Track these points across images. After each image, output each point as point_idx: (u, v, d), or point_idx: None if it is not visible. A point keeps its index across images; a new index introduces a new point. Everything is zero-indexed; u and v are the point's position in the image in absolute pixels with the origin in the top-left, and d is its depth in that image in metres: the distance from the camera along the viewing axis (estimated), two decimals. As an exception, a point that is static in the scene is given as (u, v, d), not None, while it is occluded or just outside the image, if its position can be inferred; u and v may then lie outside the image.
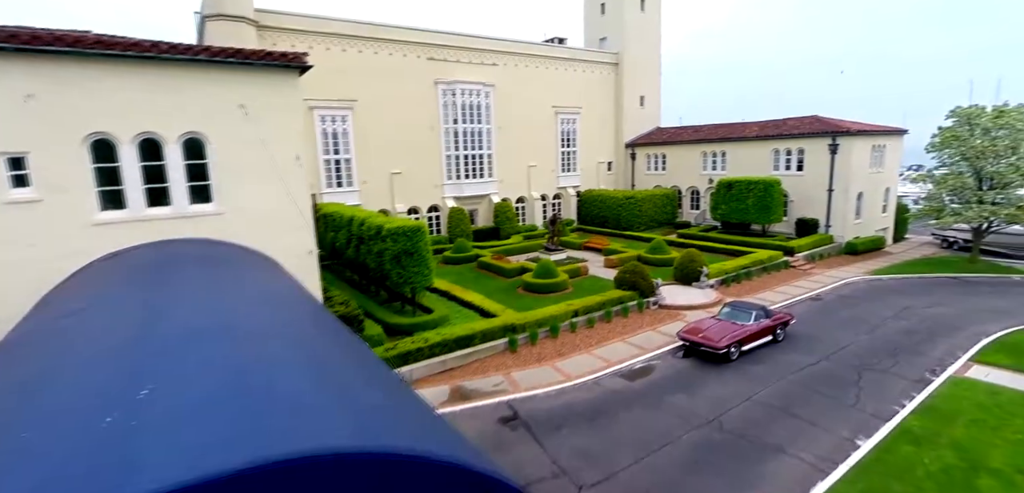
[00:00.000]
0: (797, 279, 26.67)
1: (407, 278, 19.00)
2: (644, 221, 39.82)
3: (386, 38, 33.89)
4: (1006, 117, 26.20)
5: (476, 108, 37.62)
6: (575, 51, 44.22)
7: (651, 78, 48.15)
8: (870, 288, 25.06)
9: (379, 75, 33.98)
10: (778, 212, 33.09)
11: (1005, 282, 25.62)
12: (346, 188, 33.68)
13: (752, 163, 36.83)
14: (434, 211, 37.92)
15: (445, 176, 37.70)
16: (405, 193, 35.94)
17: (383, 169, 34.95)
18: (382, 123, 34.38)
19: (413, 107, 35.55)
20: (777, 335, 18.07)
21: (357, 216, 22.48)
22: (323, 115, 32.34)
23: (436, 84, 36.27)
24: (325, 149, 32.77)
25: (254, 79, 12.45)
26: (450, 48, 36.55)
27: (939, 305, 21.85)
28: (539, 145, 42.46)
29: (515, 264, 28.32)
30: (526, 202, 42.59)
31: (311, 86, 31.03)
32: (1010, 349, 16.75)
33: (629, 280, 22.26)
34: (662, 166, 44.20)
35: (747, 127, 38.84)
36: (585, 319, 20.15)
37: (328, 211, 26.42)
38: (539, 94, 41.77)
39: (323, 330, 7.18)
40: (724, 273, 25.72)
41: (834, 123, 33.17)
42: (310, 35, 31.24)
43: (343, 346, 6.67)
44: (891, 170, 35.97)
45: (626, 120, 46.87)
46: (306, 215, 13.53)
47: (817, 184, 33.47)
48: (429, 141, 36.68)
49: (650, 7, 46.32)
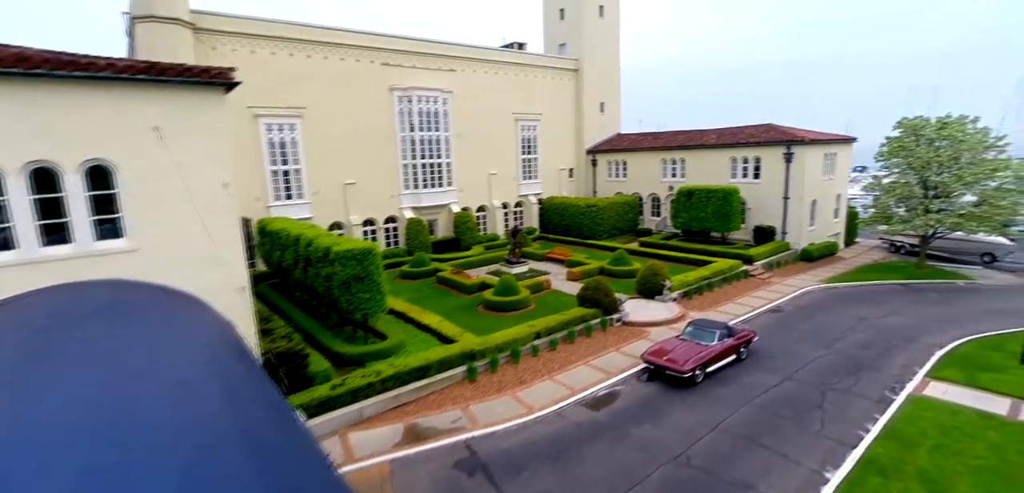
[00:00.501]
0: (757, 289, 26.79)
1: (357, 304, 17.75)
2: (606, 229, 39.58)
3: (337, 43, 32.27)
4: (949, 128, 27.15)
5: (434, 115, 36.42)
6: (535, 57, 43.63)
7: (611, 84, 48.11)
8: (827, 297, 25.38)
9: (330, 81, 32.33)
10: (736, 220, 33.38)
11: (950, 288, 26.48)
12: (296, 200, 31.87)
13: (711, 171, 37.12)
14: (391, 222, 36.47)
15: (402, 186, 36.31)
16: (360, 204, 34.37)
17: (336, 179, 33.28)
18: (334, 131, 32.72)
19: (367, 115, 34.04)
20: (741, 354, 17.80)
21: (305, 235, 21.00)
22: (269, 124, 30.45)
23: (391, 91, 34.87)
24: (272, 159, 30.87)
25: (171, 97, 11.02)
26: (406, 53, 35.21)
27: (893, 314, 22.23)
28: (500, 152, 41.61)
29: (475, 279, 27.35)
30: (487, 211, 41.66)
31: (256, 93, 29.28)
32: (962, 362, 17.00)
33: (592, 297, 21.66)
34: (623, 173, 44.15)
35: (705, 134, 39.17)
36: (547, 341, 19.40)
37: (275, 228, 24.75)
38: (499, 100, 40.93)
39: (241, 415, 6.04)
40: (686, 285, 25.53)
41: (788, 132, 33.74)
42: (254, 38, 29.33)
43: (259, 434, 5.57)
44: (842, 177, 36.97)
45: (587, 126, 46.63)
46: (235, 249, 12.16)
47: (773, 192, 33.95)
48: (385, 150, 35.23)
49: (609, 14, 46.24)
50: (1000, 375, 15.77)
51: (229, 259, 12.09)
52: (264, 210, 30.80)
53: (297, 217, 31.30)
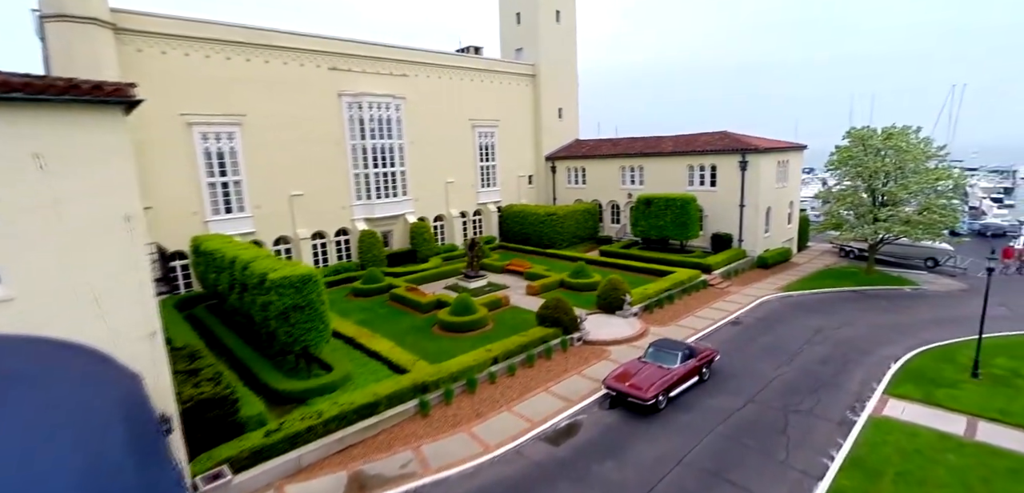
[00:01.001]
0: (716, 299, 26.70)
1: (297, 336, 16.26)
2: (566, 238, 39.02)
3: (279, 46, 30.29)
4: (894, 139, 27.89)
5: (386, 122, 34.86)
6: (491, 62, 42.64)
7: (568, 89, 47.69)
8: (783, 307, 25.51)
9: (273, 87, 30.32)
10: (694, 229, 33.43)
11: (898, 295, 27.16)
12: (237, 214, 29.73)
13: (669, 178, 37.13)
14: (343, 235, 34.66)
15: (354, 196, 34.57)
16: (308, 217, 32.45)
17: (281, 191, 31.27)
18: (278, 140, 30.72)
19: (315, 122, 32.17)
20: (703, 374, 17.36)
21: (240, 258, 19.26)
22: (205, 133, 28.21)
23: (340, 96, 33.10)
24: (209, 171, 28.63)
25: (57, 119, 9.36)
26: (355, 57, 33.51)
27: (847, 325, 22.45)
28: (457, 160, 40.40)
29: (430, 296, 26.09)
30: (445, 220, 40.36)
31: (189, 99, 27.17)
32: (917, 376, 17.10)
33: (552, 316, 20.85)
34: (582, 180, 43.75)
35: (663, 142, 39.20)
36: (505, 366, 18.43)
37: (209, 248, 22.78)
38: (455, 106, 39.73)
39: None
40: (647, 298, 25.11)
41: (742, 140, 34.05)
42: (186, 41, 27.07)
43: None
44: (794, 184, 37.74)
45: (545, 132, 46.01)
46: (143, 290, 10.57)
47: (730, 200, 34.18)
48: (334, 159, 33.42)
49: (565, 19, 45.78)
50: (954, 391, 15.88)
51: (134, 302, 10.49)
52: (201, 226, 28.55)
53: (239, 232, 29.43)
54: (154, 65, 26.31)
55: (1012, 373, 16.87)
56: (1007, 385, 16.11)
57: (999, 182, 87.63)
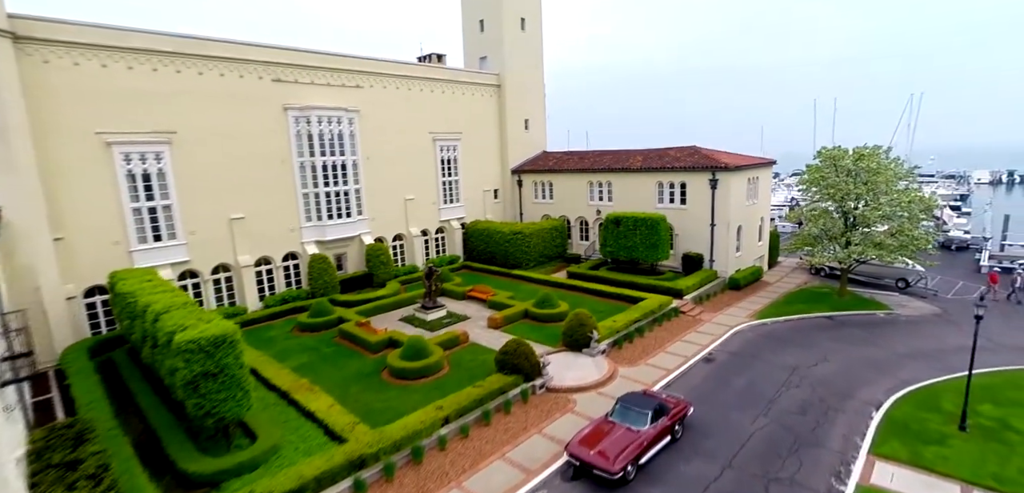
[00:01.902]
0: (688, 330, 25.29)
1: (209, 409, 13.89)
2: (533, 258, 37.26)
3: (214, 55, 27.54)
4: (865, 160, 27.06)
5: (338, 137, 32.36)
6: (453, 72, 40.54)
7: (535, 99, 45.97)
8: (757, 337, 24.30)
9: (207, 100, 27.56)
10: (664, 250, 32.12)
11: (872, 321, 26.29)
12: (168, 242, 26.85)
13: (638, 195, 35.76)
14: (292, 259, 32.02)
15: (303, 218, 31.97)
16: (251, 241, 29.74)
17: (219, 214, 28.49)
18: (215, 159, 27.98)
19: (257, 138, 29.49)
20: (676, 432, 15.75)
21: (152, 308, 16.74)
22: (127, 153, 25.28)
23: (286, 110, 30.49)
24: (133, 195, 25.69)
25: None
26: (301, 68, 30.95)
27: (823, 361, 21.28)
28: (417, 175, 38.15)
29: (382, 333, 23.85)
30: (405, 240, 38.07)
31: (107, 116, 24.38)
32: (901, 430, 15.86)
33: (512, 362, 18.95)
34: (549, 195, 42.06)
35: (631, 157, 37.83)
36: (458, 427, 16.43)
37: (124, 289, 20.04)
38: (414, 119, 37.48)
39: None
40: (615, 333, 23.49)
41: (712, 157, 32.88)
42: (101, 50, 24.13)
43: None
44: (764, 200, 36.87)
45: (511, 145, 44.16)
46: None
47: (700, 218, 32.98)
48: (280, 178, 30.78)
49: (531, 26, 44.03)
50: (942, 449, 14.67)
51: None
52: (125, 257, 25.62)
53: (170, 262, 26.70)
54: (64, 78, 23.33)
55: (1001, 424, 15.79)
56: (998, 440, 14.99)
57: (955, 188, 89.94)
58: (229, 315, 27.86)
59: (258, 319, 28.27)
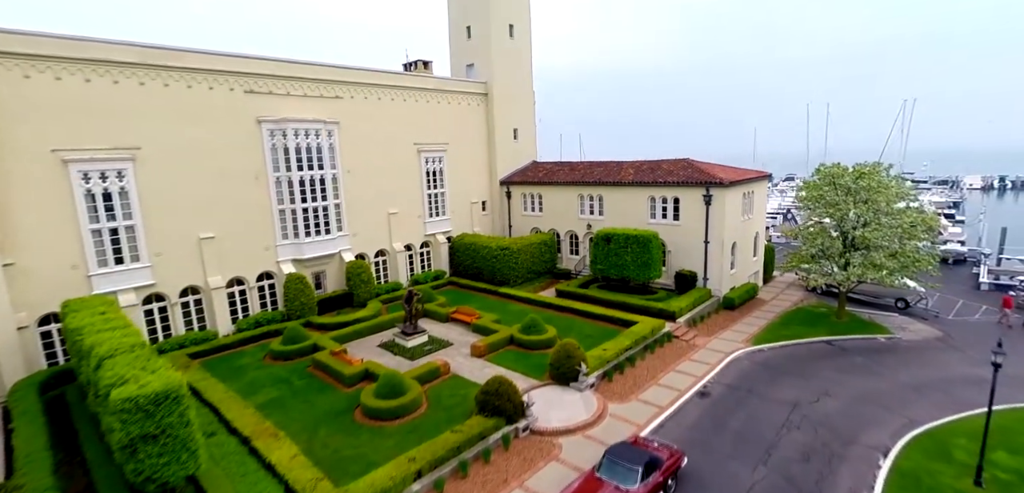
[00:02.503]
0: (681, 358, 24.06)
1: (149, 475, 12.42)
2: (521, 274, 35.94)
3: (181, 66, 25.98)
4: (866, 179, 25.94)
5: (316, 151, 30.85)
6: (439, 81, 39.13)
7: (524, 108, 44.63)
8: (754, 367, 23.09)
9: (175, 114, 26.01)
10: (657, 268, 30.92)
11: (872, 347, 25.18)
12: (131, 265, 25.25)
13: (630, 210, 34.53)
14: (267, 279, 30.47)
15: (279, 235, 30.43)
16: (223, 261, 28.19)
17: (187, 234, 26.93)
18: (183, 175, 26.44)
19: (228, 153, 27.96)
20: (669, 489, 14.46)
21: (96, 352, 15.23)
22: (86, 170, 23.68)
23: (260, 123, 28.98)
24: (92, 216, 24.09)
25: None
26: (276, 78, 29.45)
27: (825, 396, 20.10)
28: (401, 188, 36.69)
29: (357, 365, 22.40)
30: (388, 255, 36.60)
31: (65, 132, 22.89)
32: (912, 485, 14.66)
33: (493, 403, 17.59)
34: (539, 207, 40.74)
35: (623, 169, 36.58)
36: (432, 481, 15.04)
37: (74, 326, 18.47)
38: (398, 130, 36.04)
39: None
40: (605, 363, 22.19)
41: (706, 171, 31.70)
42: (55, 61, 22.53)
43: None
44: (759, 214, 35.77)
45: (499, 155, 42.80)
46: None
47: (694, 235, 31.79)
48: (254, 194, 29.24)
49: (519, 33, 42.69)
50: (958, 510, 13.48)
51: None
52: (84, 281, 24.03)
53: (134, 285, 25.19)
54: (14, 91, 21.72)
55: (1018, 476, 14.65)
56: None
57: (948, 194, 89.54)
58: (198, 340, 26.39)
59: (229, 345, 26.73)
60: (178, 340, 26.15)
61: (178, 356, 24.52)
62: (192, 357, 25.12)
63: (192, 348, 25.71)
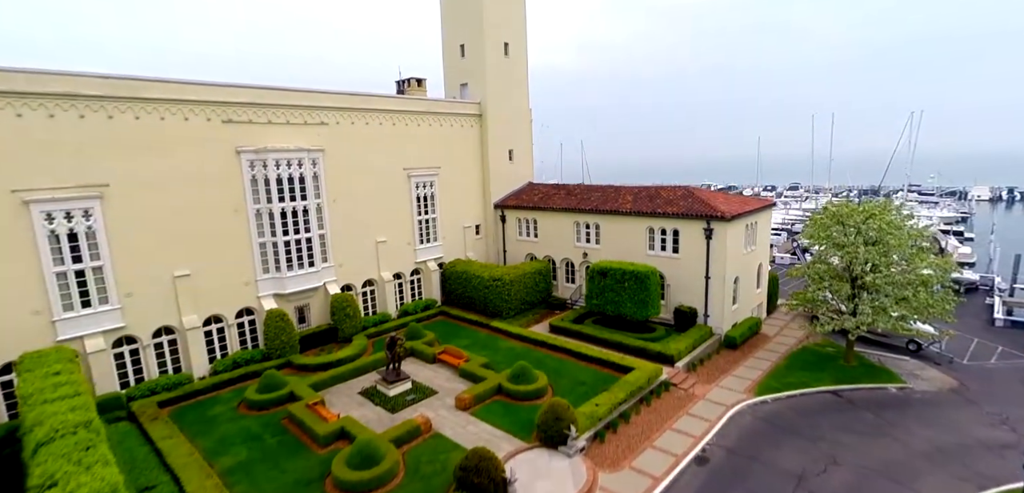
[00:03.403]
0: (679, 412, 22.64)
1: None
2: (514, 306, 34.54)
3: (153, 97, 24.70)
4: (876, 218, 24.42)
5: (299, 180, 29.53)
6: (430, 103, 37.77)
7: (520, 128, 43.23)
8: (756, 426, 21.67)
9: (146, 147, 24.72)
10: (655, 306, 29.50)
11: (883, 399, 23.69)
12: (99, 308, 23.94)
13: (628, 240, 33.12)
14: (247, 315, 29.14)
15: (260, 270, 29.13)
16: (199, 299, 26.88)
17: (160, 272, 25.62)
18: (156, 211, 25.14)
19: (205, 186, 26.66)
20: (661, 595, 13.04)
21: (34, 435, 13.94)
22: (50, 211, 22.37)
23: (239, 153, 27.68)
24: (57, 258, 22.78)
25: None
26: (256, 106, 28.15)
27: (832, 464, 18.68)
28: (390, 215, 35.35)
29: (334, 421, 21.01)
30: (376, 285, 35.25)
31: (25, 171, 21.72)
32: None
33: (472, 480, 16.22)
34: (534, 233, 39.34)
35: (621, 196, 35.16)
36: (401, 581, 13.66)
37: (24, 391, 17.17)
38: (387, 155, 34.69)
39: None
40: (596, 421, 20.79)
41: (707, 203, 30.24)
42: (13, 96, 21.22)
43: None
44: (763, 244, 34.29)
45: (494, 177, 41.41)
46: None
47: (694, 269, 30.38)
48: (233, 228, 27.94)
49: (515, 51, 41.31)
50: None
51: None
52: (48, 327, 22.74)
53: (102, 329, 23.90)
54: (-30, 131, 20.44)
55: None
56: None
57: (956, 208, 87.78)
58: (171, 385, 25.09)
59: (204, 389, 25.44)
60: (150, 385, 24.87)
61: (148, 405, 23.27)
62: (163, 405, 23.86)
63: (163, 395, 24.41)
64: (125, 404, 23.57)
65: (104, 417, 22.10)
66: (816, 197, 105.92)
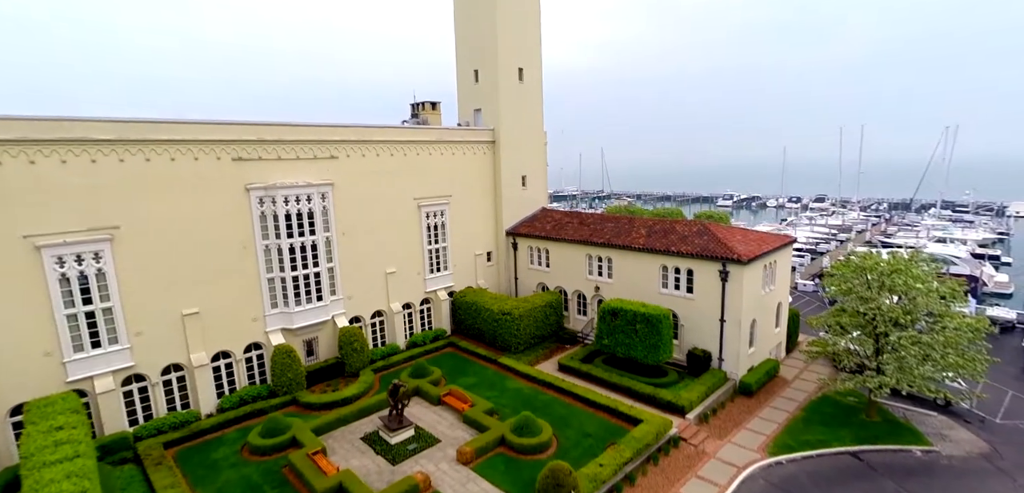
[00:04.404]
0: (688, 473, 21.80)
1: None
2: (523, 341, 33.97)
3: (164, 138, 24.91)
4: (903, 275, 23.05)
5: (308, 216, 29.48)
6: (441, 131, 37.44)
7: (534, 154, 42.65)
8: (770, 489, 20.67)
9: (157, 187, 24.95)
10: (667, 350, 28.57)
11: (907, 465, 22.43)
12: (109, 348, 24.23)
13: (640, 277, 32.29)
14: (255, 350, 29.26)
15: (268, 305, 29.19)
16: (207, 336, 27.07)
17: (170, 310, 25.84)
18: (165, 250, 25.36)
19: (214, 223, 26.81)
20: None
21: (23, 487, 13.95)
22: (61, 255, 22.68)
23: (248, 190, 27.77)
24: (67, 301, 23.11)
25: None
26: (266, 143, 28.21)
27: (849, 547, 17.63)
28: (400, 246, 35.15)
29: (333, 476, 20.69)
30: (385, 316, 35.09)
31: (38, 216, 22.06)
32: None
33: (466, 559, 15.72)
34: (546, 263, 38.71)
35: (635, 229, 34.30)
36: None
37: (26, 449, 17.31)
38: (397, 186, 34.49)
39: None
40: (600, 484, 20.10)
41: (723, 242, 29.17)
42: (28, 145, 21.57)
43: None
44: (783, 283, 33.03)
45: (506, 203, 40.92)
46: None
47: (709, 311, 29.41)
48: (242, 264, 28.04)
49: (529, 76, 40.74)
50: None
51: None
52: (58, 369, 23.08)
53: (111, 369, 24.14)
54: (-15, 179, 20.82)
55: None
56: None
57: (993, 227, 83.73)
58: (178, 423, 25.29)
59: (210, 428, 25.55)
60: (157, 423, 25.06)
61: (153, 446, 23.42)
62: (169, 445, 24.07)
63: (170, 435, 24.60)
64: (132, 445, 23.77)
65: (109, 459, 22.56)
66: (843, 212, 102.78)
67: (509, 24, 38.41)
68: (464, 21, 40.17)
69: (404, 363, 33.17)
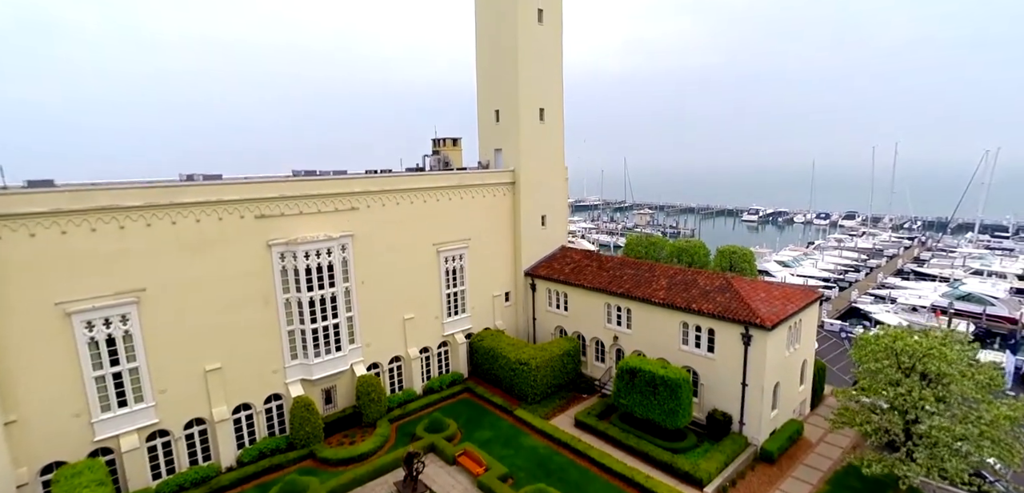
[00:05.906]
0: (705, 559, 21.27)
1: None
2: (540, 390, 33.74)
3: (189, 201, 25.45)
4: (934, 360, 21.90)
5: (328, 269, 29.79)
6: (460, 176, 37.40)
7: (554, 193, 42.32)
8: (790, 586, 20.03)
9: (182, 249, 25.52)
10: (686, 415, 27.97)
11: (938, 558, 21.48)
12: (135, 407, 24.90)
13: (659, 332, 31.73)
14: (275, 400, 29.70)
15: (288, 357, 29.63)
16: (229, 390, 27.62)
17: (193, 368, 26.44)
18: (189, 309, 25.95)
19: (237, 281, 27.32)
20: None
21: None
22: (90, 320, 23.39)
23: (270, 247, 28.20)
24: (95, 363, 23.81)
25: None
26: (288, 199, 28.60)
27: None
28: (418, 292, 35.29)
29: (347, 551, 20.94)
30: (403, 360, 35.27)
31: (67, 284, 22.91)
32: None
33: None
34: (564, 306, 38.37)
35: (656, 279, 33.71)
36: None
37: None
38: (416, 233, 34.62)
39: None
40: (615, 574, 19.79)
41: (746, 302, 28.39)
42: (60, 216, 22.29)
43: None
44: (808, 340, 32.04)
45: (525, 243, 40.71)
46: None
47: (730, 372, 28.72)
48: (263, 319, 28.51)
49: (550, 117, 40.45)
50: None
51: None
52: (87, 428, 23.81)
53: (136, 427, 24.76)
54: (18, 252, 21.56)
55: None
56: None
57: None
58: (200, 478, 25.83)
59: (229, 485, 26.03)
60: (179, 479, 25.66)
61: (175, 505, 23.98)
62: (189, 504, 24.61)
63: (191, 492, 25.17)
64: (155, 503, 24.39)
65: (133, 524, 23.09)
66: (874, 232, 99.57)
67: (530, 67, 38.20)
68: (486, 62, 40.12)
69: (421, 411, 33.30)
